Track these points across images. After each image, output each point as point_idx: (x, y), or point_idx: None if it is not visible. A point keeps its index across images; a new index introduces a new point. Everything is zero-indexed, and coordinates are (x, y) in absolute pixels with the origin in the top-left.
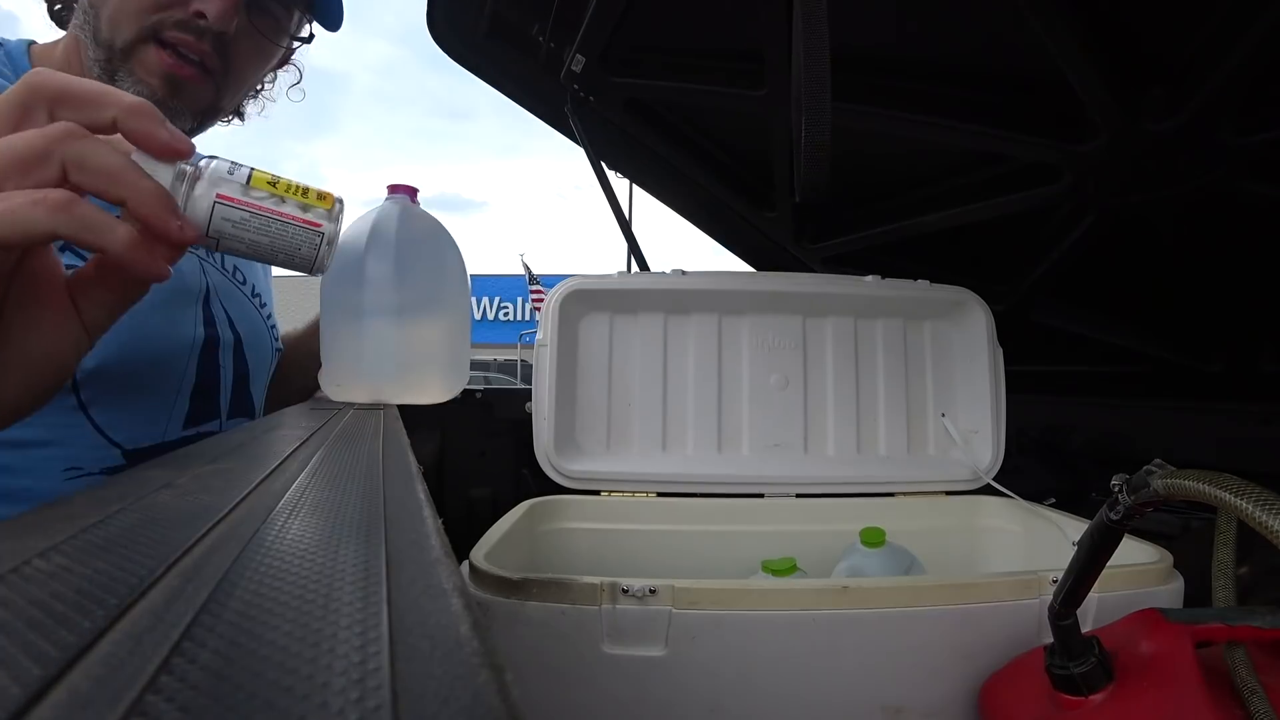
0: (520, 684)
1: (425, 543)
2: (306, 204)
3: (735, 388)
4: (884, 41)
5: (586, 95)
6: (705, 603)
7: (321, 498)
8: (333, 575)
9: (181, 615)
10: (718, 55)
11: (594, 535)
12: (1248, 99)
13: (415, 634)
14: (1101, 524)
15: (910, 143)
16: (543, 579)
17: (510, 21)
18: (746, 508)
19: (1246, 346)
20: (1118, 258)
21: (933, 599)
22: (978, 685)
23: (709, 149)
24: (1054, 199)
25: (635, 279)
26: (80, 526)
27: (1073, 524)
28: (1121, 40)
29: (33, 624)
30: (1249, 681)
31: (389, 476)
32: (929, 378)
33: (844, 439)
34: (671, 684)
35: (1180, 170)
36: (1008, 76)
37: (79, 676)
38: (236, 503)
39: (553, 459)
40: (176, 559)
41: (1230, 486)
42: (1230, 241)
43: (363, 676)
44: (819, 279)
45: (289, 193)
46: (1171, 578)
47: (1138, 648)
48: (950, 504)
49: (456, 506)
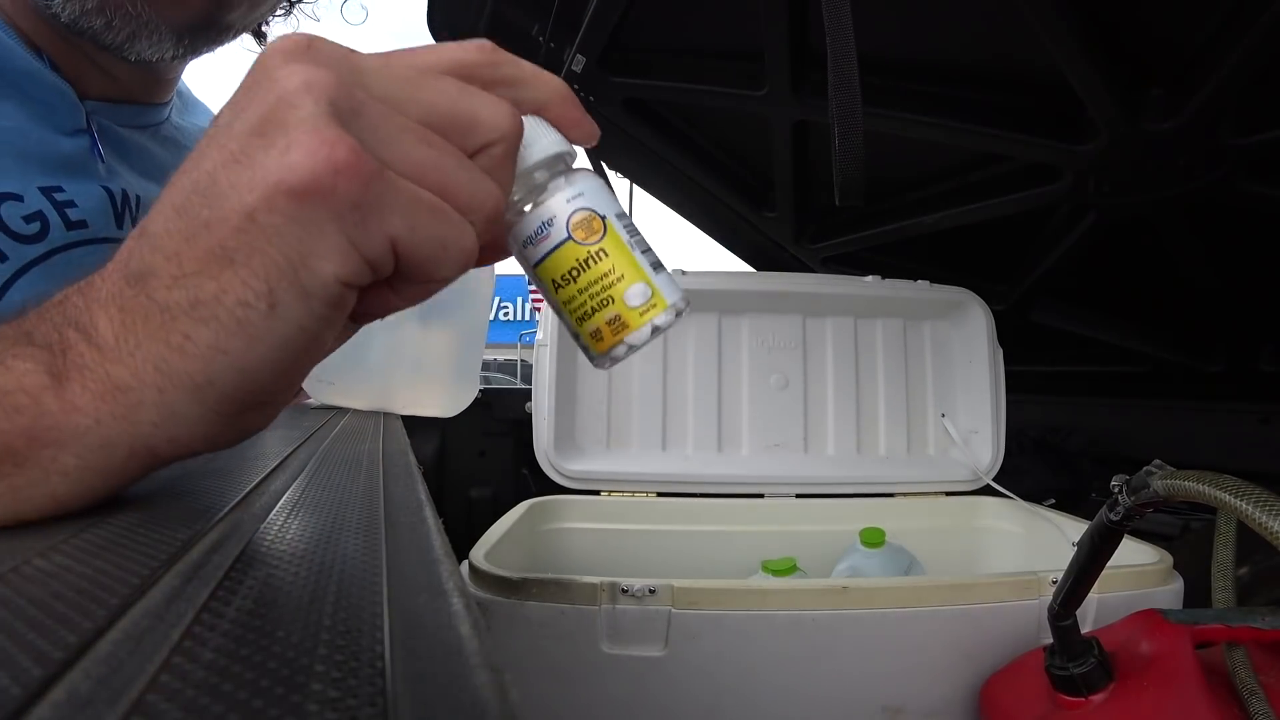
0: (520, 684)
1: (425, 543)
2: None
3: (735, 388)
4: (884, 42)
5: (586, 95)
6: (705, 603)
7: (321, 498)
8: (333, 575)
9: (181, 615)
10: (718, 55)
11: (594, 535)
12: (1247, 99)
13: (415, 634)
14: (1101, 525)
15: (910, 143)
16: (542, 579)
17: (510, 21)
18: (746, 508)
19: (1246, 346)
20: (1117, 258)
21: (933, 599)
22: (978, 685)
23: (709, 149)
24: (1054, 199)
25: None
26: (80, 526)
27: (1073, 524)
28: (1121, 40)
29: (33, 624)
30: (1249, 682)
31: (389, 476)
32: (929, 378)
33: (844, 439)
34: (671, 684)
35: (1180, 170)
36: (1008, 76)
37: (79, 676)
38: (236, 503)
39: (553, 459)
40: (176, 559)
41: (1230, 487)
42: (1230, 241)
43: (362, 676)
44: (819, 279)
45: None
46: (1171, 578)
47: (1138, 648)
48: (950, 504)
49: (456, 506)
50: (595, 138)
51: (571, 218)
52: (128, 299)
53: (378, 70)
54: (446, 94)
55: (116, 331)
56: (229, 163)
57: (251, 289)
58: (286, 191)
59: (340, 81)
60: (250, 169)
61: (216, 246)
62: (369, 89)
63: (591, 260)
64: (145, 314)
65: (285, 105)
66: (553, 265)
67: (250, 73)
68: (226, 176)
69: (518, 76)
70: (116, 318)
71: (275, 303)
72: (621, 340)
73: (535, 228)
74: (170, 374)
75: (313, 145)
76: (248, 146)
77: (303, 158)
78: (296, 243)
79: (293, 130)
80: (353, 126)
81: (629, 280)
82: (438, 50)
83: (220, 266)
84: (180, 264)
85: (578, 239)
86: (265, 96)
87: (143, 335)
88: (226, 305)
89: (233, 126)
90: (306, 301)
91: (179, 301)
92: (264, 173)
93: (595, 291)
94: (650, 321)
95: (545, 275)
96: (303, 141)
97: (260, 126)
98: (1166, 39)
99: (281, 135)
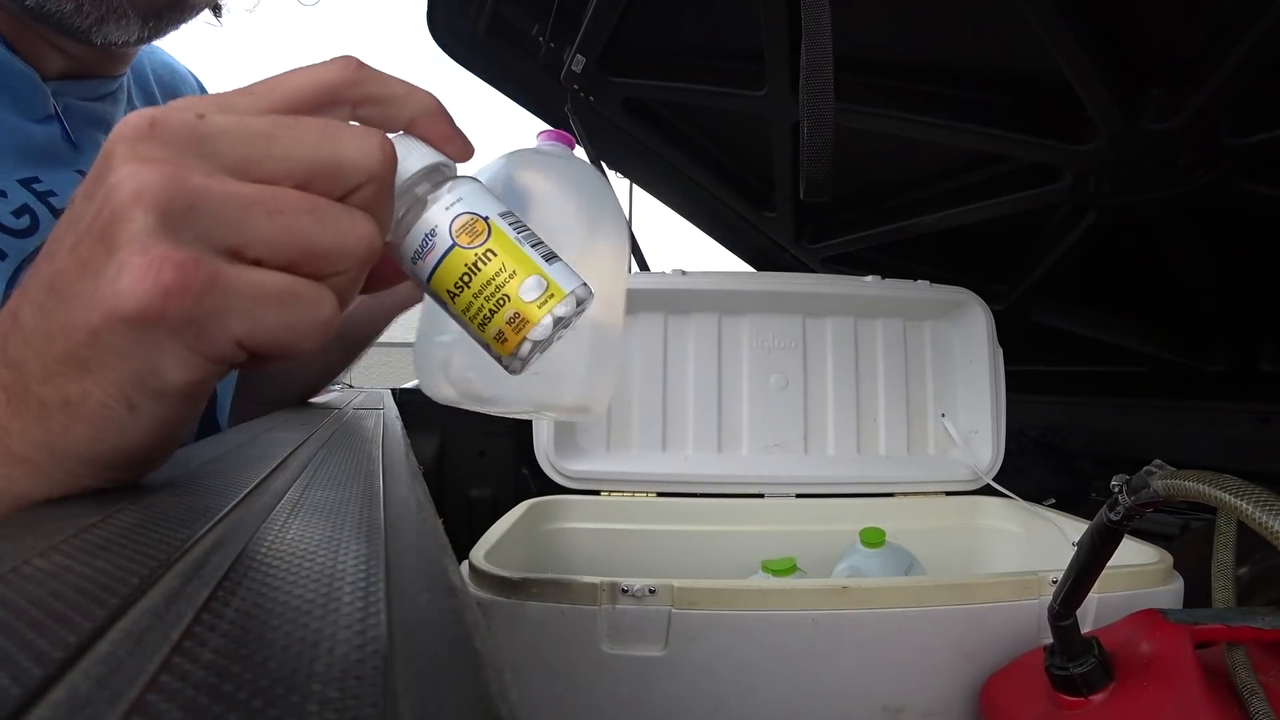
0: (520, 684)
1: (425, 543)
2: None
3: (735, 388)
4: (884, 42)
5: (586, 95)
6: (705, 603)
7: (321, 497)
8: (333, 575)
9: (181, 615)
10: (718, 55)
11: (594, 535)
12: (1247, 99)
13: (415, 634)
14: (1101, 525)
15: (910, 143)
16: (542, 579)
17: (510, 21)
18: (746, 508)
19: (1246, 346)
20: (1117, 258)
21: (933, 599)
22: (978, 685)
23: (709, 149)
24: (1054, 199)
25: (635, 279)
26: (80, 526)
27: (1073, 524)
28: (1121, 40)
29: (33, 624)
30: (1249, 682)
31: (389, 476)
32: (929, 378)
33: (844, 439)
34: (671, 684)
35: (1180, 170)
36: (1008, 76)
37: (79, 676)
38: (236, 503)
39: (553, 459)
40: (176, 559)
41: (1230, 487)
42: (1230, 242)
43: (362, 676)
44: (819, 279)
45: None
46: (1171, 578)
47: (1138, 648)
48: (950, 504)
49: (456, 506)
50: (469, 154)
51: (454, 224)
52: (11, 384)
53: (227, 132)
54: (305, 142)
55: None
56: (77, 270)
57: (109, 394)
58: (121, 318)
59: (174, 177)
60: (92, 285)
61: (73, 353)
62: (219, 157)
63: (480, 262)
64: (25, 401)
65: (117, 220)
66: (444, 275)
67: (99, 159)
68: (72, 287)
69: (385, 94)
70: (2, 398)
71: (133, 405)
72: (524, 337)
73: (420, 241)
74: (57, 451)
75: (140, 269)
76: (90, 257)
77: (131, 285)
78: (139, 359)
79: (122, 250)
80: (188, 228)
81: (521, 275)
82: (300, 77)
83: (80, 371)
84: (45, 363)
85: (463, 243)
86: (104, 203)
87: (28, 420)
88: (91, 405)
89: (79, 225)
90: (162, 401)
91: (51, 397)
92: (100, 296)
93: (490, 293)
94: (550, 313)
95: (439, 287)
96: (131, 264)
97: (100, 235)
98: (1166, 39)
99: (113, 255)
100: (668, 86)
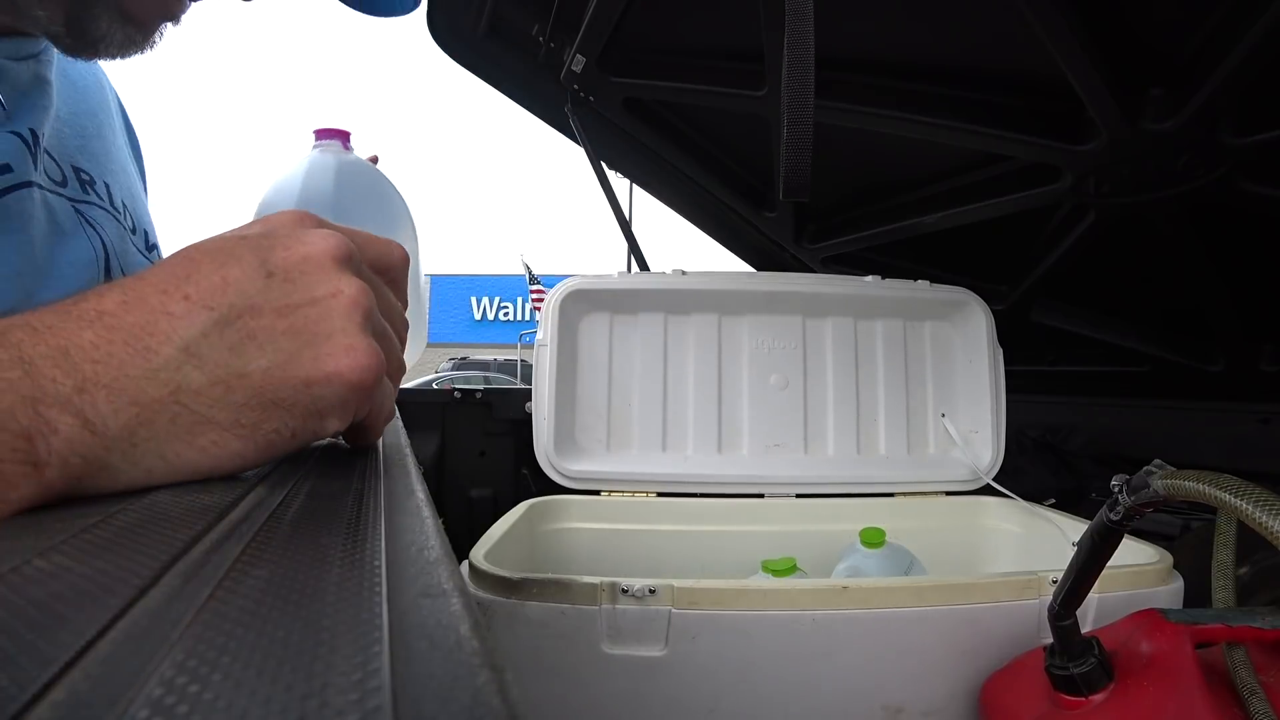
0: (520, 684)
1: (425, 543)
2: None
3: (735, 388)
4: (884, 42)
5: (586, 95)
6: (705, 603)
7: (322, 497)
8: (332, 575)
9: (181, 615)
10: (718, 55)
11: (594, 535)
12: (1246, 99)
13: (415, 634)
14: (1101, 524)
15: (910, 143)
16: (542, 579)
17: (510, 21)
18: (746, 508)
19: (1246, 346)
20: (1118, 258)
21: (933, 599)
22: (978, 685)
23: (709, 149)
24: (1054, 199)
25: (635, 279)
26: (80, 526)
27: (1073, 524)
28: (1121, 40)
29: (33, 624)
30: (1249, 682)
31: (389, 476)
32: (929, 378)
33: (844, 439)
34: (671, 684)
35: (1180, 170)
36: (1008, 76)
37: (79, 676)
38: (236, 502)
39: (553, 459)
40: (176, 559)
41: (1230, 487)
42: (1230, 241)
43: (363, 677)
44: (819, 279)
45: None
46: (1171, 578)
47: (1138, 648)
48: (950, 504)
49: (456, 506)
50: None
51: None
52: (149, 398)
53: (372, 283)
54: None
55: (127, 424)
56: (289, 333)
57: (288, 426)
58: (344, 381)
59: (370, 298)
60: (312, 348)
61: (270, 393)
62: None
63: None
64: (173, 416)
65: (348, 311)
66: None
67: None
68: (279, 344)
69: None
70: (127, 410)
71: (295, 434)
72: None
73: None
74: (175, 463)
75: (367, 351)
76: (308, 329)
77: (362, 359)
78: (330, 408)
79: (353, 334)
80: (371, 334)
81: None
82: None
83: (268, 408)
84: (228, 390)
85: None
86: (329, 291)
87: (163, 433)
88: (263, 431)
89: (289, 288)
90: (315, 436)
91: (219, 418)
92: (329, 360)
93: None
94: None
95: None
96: (361, 347)
97: (321, 316)
98: (1166, 39)
99: (345, 336)
100: (667, 86)
